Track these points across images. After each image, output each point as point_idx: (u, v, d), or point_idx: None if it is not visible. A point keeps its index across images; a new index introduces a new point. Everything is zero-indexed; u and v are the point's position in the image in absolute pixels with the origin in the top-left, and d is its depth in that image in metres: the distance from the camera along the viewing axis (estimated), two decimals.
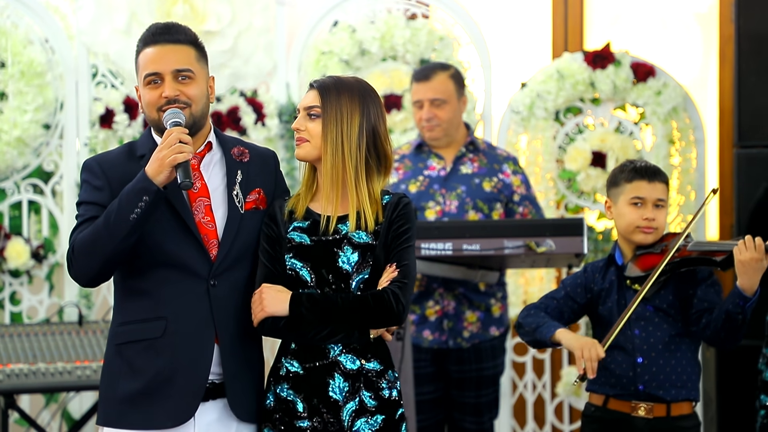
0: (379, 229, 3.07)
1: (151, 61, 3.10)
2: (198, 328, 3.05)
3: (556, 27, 6.10)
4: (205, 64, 3.16)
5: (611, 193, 3.75)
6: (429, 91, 4.72)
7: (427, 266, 4.36)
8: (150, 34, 3.14)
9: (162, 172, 2.94)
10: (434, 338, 4.71)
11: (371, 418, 3.05)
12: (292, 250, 3.10)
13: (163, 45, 3.10)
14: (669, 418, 3.63)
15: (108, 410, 3.09)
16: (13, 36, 5.30)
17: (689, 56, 6.08)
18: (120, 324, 3.11)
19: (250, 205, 3.14)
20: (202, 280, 3.07)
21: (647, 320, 3.65)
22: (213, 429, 3.08)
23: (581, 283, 3.75)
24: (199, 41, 3.17)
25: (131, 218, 2.94)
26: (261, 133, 5.43)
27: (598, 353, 3.45)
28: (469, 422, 4.78)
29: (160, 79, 3.09)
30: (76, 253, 3.02)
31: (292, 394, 3.08)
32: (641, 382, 3.62)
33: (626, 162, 3.78)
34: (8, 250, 5.29)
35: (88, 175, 3.11)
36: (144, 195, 2.94)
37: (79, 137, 5.38)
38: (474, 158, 4.77)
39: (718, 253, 3.60)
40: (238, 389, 3.08)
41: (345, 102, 3.08)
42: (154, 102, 3.09)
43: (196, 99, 3.10)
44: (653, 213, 3.66)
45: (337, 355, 3.06)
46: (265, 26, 5.47)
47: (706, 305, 3.63)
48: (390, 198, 3.11)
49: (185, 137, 2.98)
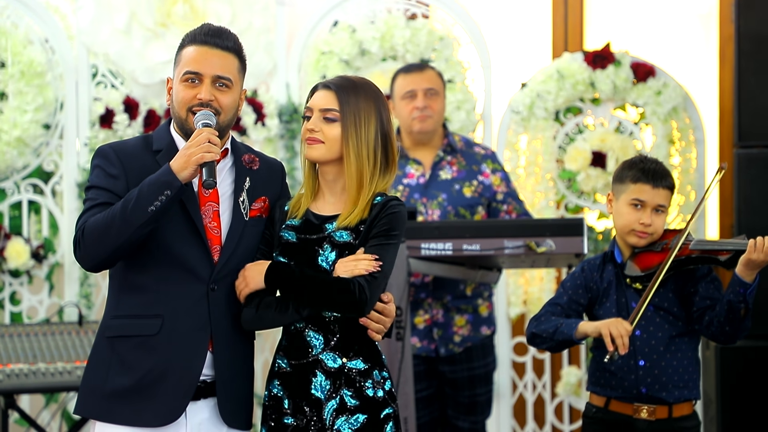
0: (361, 228, 3.07)
1: (194, 60, 3.08)
2: (194, 330, 3.05)
3: (556, 27, 6.10)
4: (243, 76, 3.16)
5: (615, 188, 3.70)
6: (424, 81, 4.72)
7: (427, 266, 4.36)
8: (201, 33, 3.11)
9: (187, 169, 2.94)
10: (422, 346, 4.71)
11: (351, 417, 3.04)
12: (280, 248, 3.12)
13: (211, 47, 3.08)
14: (671, 420, 3.62)
15: (94, 402, 3.07)
16: (13, 36, 5.30)
17: (689, 56, 6.08)
18: (114, 317, 3.10)
19: (255, 213, 3.15)
20: (203, 283, 3.07)
21: (648, 320, 3.63)
22: (204, 428, 3.08)
23: (581, 284, 3.72)
24: (243, 53, 3.15)
25: (150, 210, 2.93)
26: (261, 133, 5.43)
27: (627, 327, 3.43)
28: (463, 420, 4.79)
29: (199, 80, 3.07)
30: (86, 236, 3.00)
31: (281, 391, 3.09)
32: (644, 384, 3.61)
33: (636, 159, 3.71)
34: (8, 250, 5.29)
35: (103, 161, 3.09)
36: (166, 189, 2.93)
37: (79, 137, 5.39)
38: (452, 161, 4.76)
39: (722, 252, 3.58)
40: (228, 395, 3.09)
41: (363, 106, 3.08)
42: (188, 101, 3.08)
43: (227, 109, 3.10)
44: (651, 218, 3.63)
45: (319, 352, 3.06)
46: (265, 26, 5.47)
47: (708, 302, 3.61)
48: (381, 199, 3.10)
49: (215, 139, 2.98)
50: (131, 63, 5.39)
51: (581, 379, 5.54)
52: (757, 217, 5.02)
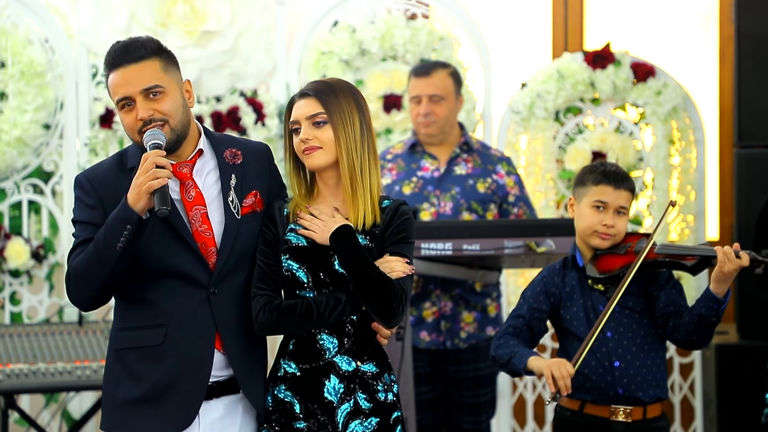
0: (376, 232, 3.07)
1: (118, 86, 3.05)
2: (198, 335, 3.06)
3: (556, 27, 6.11)
4: (175, 71, 3.10)
5: (576, 192, 3.72)
6: (428, 86, 4.72)
7: (427, 266, 4.36)
8: (110, 57, 3.07)
9: (140, 200, 2.94)
10: (431, 339, 4.71)
11: (365, 420, 3.05)
12: (289, 252, 3.09)
13: (126, 66, 3.04)
14: (645, 421, 3.63)
15: (109, 415, 3.10)
16: (13, 36, 5.30)
17: (689, 56, 6.08)
18: (119, 329, 3.13)
19: (247, 210, 3.13)
20: (202, 288, 3.07)
21: (617, 321, 3.63)
22: (217, 427, 3.09)
23: (541, 290, 3.72)
24: (163, 48, 3.10)
25: (118, 247, 2.95)
26: (261, 133, 5.43)
27: (569, 370, 3.42)
28: (467, 422, 4.79)
29: (132, 101, 3.05)
30: (71, 280, 3.05)
31: (290, 396, 3.08)
32: (620, 385, 3.61)
33: (597, 163, 3.76)
34: (8, 250, 5.29)
35: (80, 193, 3.11)
36: (127, 224, 2.95)
37: (79, 137, 5.38)
38: (468, 159, 4.77)
39: (688, 257, 3.58)
40: (254, 385, 3.09)
41: (344, 103, 3.08)
42: (133, 126, 3.06)
43: (172, 113, 3.06)
44: (613, 220, 3.63)
45: (333, 356, 3.06)
46: (265, 26, 5.47)
47: (672, 309, 3.62)
48: (389, 203, 3.11)
49: (161, 160, 2.95)
50: None
51: None
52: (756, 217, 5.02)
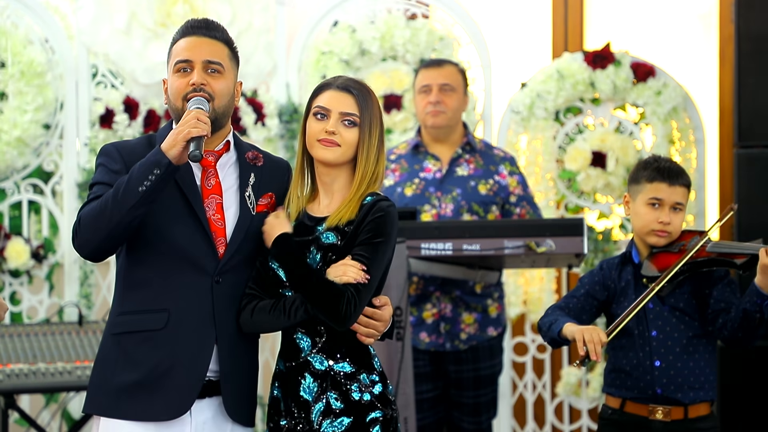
0: (347, 230, 3.04)
1: (184, 49, 3.12)
2: (200, 323, 3.05)
3: (556, 27, 6.11)
4: (235, 66, 3.17)
5: (631, 189, 3.69)
6: (440, 76, 4.72)
7: (427, 266, 4.36)
8: (187, 26, 3.16)
9: (176, 146, 2.93)
10: (431, 341, 4.71)
11: (336, 419, 3.03)
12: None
13: (199, 37, 3.13)
14: (686, 420, 3.60)
15: (101, 399, 3.07)
16: (13, 36, 5.30)
17: (689, 56, 6.08)
18: (120, 314, 3.11)
19: (262, 208, 3.14)
20: (208, 276, 3.07)
21: (664, 320, 3.62)
22: (208, 427, 3.08)
23: (599, 281, 3.71)
24: (233, 44, 3.19)
25: (140, 189, 2.93)
26: (261, 133, 5.43)
27: (601, 337, 3.39)
28: (468, 422, 4.78)
29: (190, 67, 3.10)
30: (82, 223, 3.01)
31: (279, 393, 3.10)
32: (659, 385, 3.60)
33: (650, 159, 3.71)
34: (8, 250, 5.29)
35: (106, 159, 3.11)
36: (155, 168, 2.93)
37: (79, 137, 5.39)
38: (470, 159, 4.77)
39: (739, 255, 3.56)
40: (232, 390, 3.09)
41: (375, 110, 3.09)
42: (182, 89, 3.09)
43: (221, 94, 3.09)
44: (669, 216, 3.61)
45: (308, 354, 3.06)
46: (265, 26, 5.47)
47: (723, 305, 3.59)
48: (370, 199, 3.06)
49: (203, 117, 2.98)
50: (131, 63, 5.39)
51: (581, 379, 5.54)
52: (757, 217, 5.02)
